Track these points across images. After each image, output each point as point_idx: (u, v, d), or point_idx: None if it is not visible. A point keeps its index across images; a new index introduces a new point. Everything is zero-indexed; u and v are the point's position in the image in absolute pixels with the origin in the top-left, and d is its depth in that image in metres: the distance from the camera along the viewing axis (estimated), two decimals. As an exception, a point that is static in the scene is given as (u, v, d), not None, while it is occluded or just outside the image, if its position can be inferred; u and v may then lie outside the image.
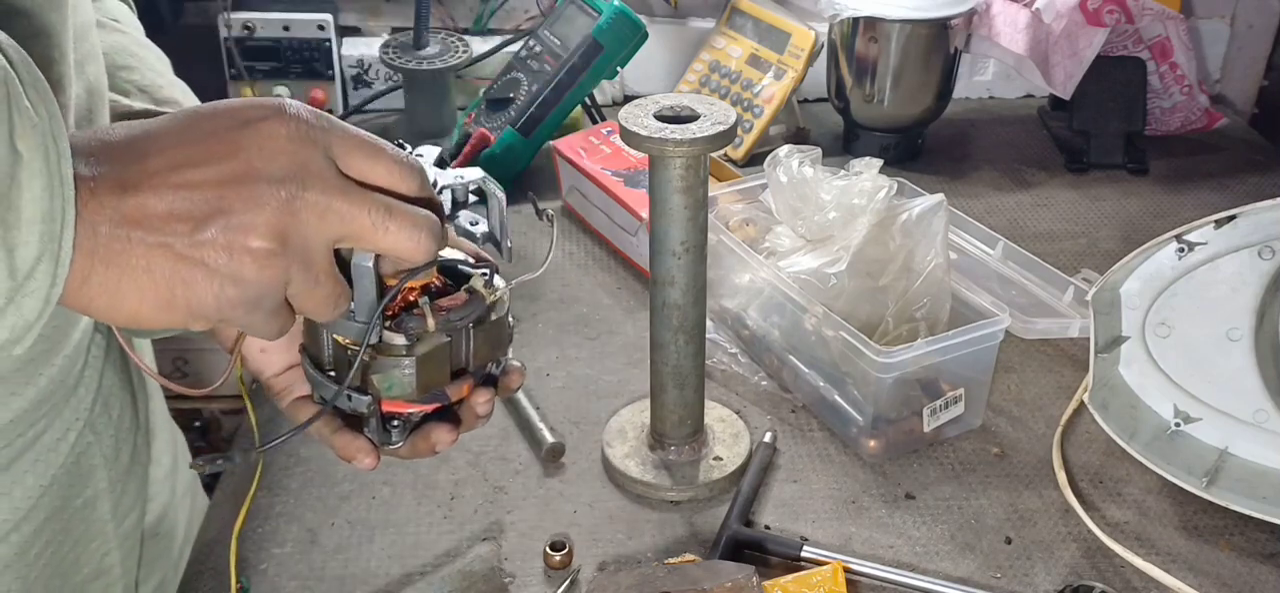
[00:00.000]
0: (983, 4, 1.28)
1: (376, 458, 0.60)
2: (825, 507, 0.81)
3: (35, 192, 0.42)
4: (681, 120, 0.71)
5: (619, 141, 1.14)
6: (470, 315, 0.56)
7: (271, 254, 0.46)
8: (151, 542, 0.78)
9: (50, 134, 0.43)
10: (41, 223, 0.42)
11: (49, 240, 0.43)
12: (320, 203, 0.47)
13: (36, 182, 0.42)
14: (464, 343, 0.57)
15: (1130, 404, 0.82)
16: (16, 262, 0.42)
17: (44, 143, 0.42)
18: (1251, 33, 1.52)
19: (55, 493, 0.65)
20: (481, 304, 0.57)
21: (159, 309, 0.46)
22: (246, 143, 0.46)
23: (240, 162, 0.45)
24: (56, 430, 0.64)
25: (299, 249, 0.47)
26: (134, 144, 0.46)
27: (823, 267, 0.87)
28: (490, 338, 0.58)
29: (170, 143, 0.46)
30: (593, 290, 1.08)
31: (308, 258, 0.48)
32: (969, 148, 1.42)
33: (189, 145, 0.46)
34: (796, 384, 0.92)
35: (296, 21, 1.38)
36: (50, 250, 0.43)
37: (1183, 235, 0.78)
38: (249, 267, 0.46)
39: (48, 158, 0.42)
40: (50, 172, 0.42)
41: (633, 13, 1.24)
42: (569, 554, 0.75)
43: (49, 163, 0.42)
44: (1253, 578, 0.75)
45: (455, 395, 0.58)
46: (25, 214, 0.42)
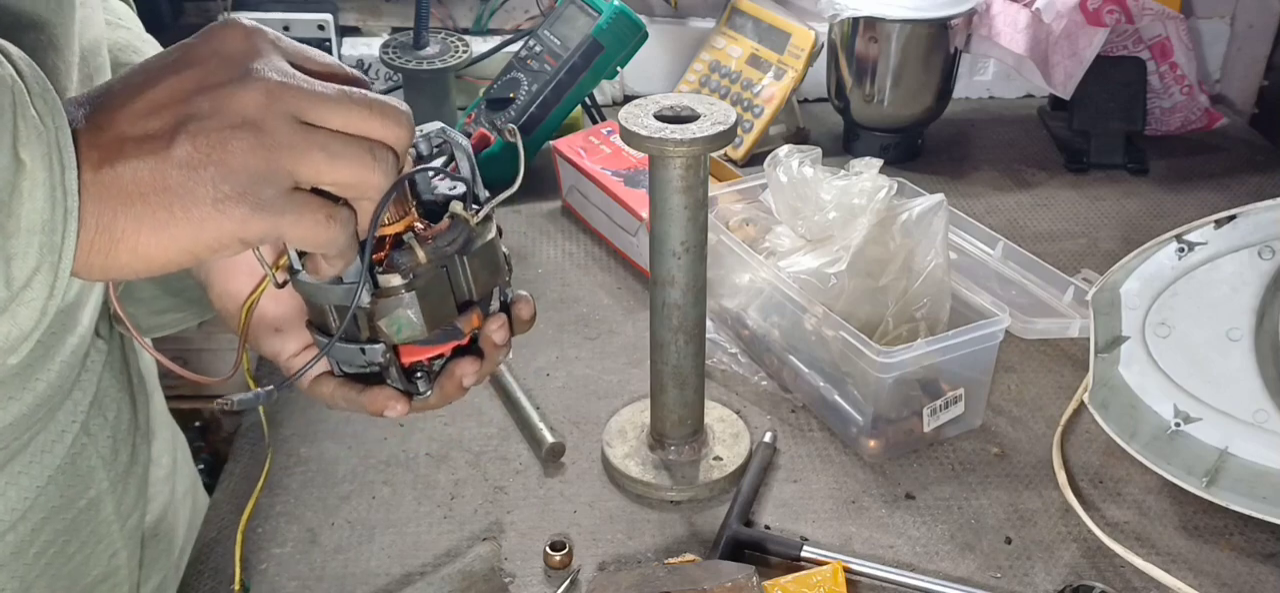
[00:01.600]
0: (983, 4, 1.28)
1: (406, 403, 0.59)
2: (825, 507, 0.81)
3: (37, 201, 0.42)
4: (681, 120, 0.71)
5: (619, 141, 1.14)
6: (458, 239, 0.56)
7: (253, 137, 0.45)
8: (152, 542, 0.78)
9: (56, 144, 0.42)
10: (41, 233, 0.42)
11: (48, 251, 0.42)
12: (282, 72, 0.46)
13: (39, 191, 0.42)
14: (460, 271, 0.57)
15: (1130, 404, 0.82)
16: (13, 272, 0.42)
17: (48, 153, 0.42)
18: (1251, 33, 1.52)
19: (53, 494, 0.65)
20: (465, 227, 0.57)
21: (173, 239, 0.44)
22: (198, 53, 0.46)
23: (196, 69, 0.46)
24: (51, 433, 0.64)
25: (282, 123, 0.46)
26: (105, 93, 0.46)
27: (823, 267, 0.87)
28: (486, 262, 0.58)
29: (134, 78, 0.46)
30: (593, 290, 1.08)
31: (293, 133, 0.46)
32: (969, 148, 1.42)
33: (148, 74, 0.46)
34: (796, 384, 0.92)
35: (296, 21, 1.38)
36: (49, 261, 0.42)
37: (1183, 235, 0.78)
38: (234, 156, 0.44)
39: (51, 167, 0.42)
40: (53, 182, 0.42)
41: (633, 13, 1.24)
42: (569, 554, 0.75)
43: (52, 172, 0.42)
44: (1253, 578, 0.75)
45: (468, 328, 0.58)
46: (24, 223, 0.41)
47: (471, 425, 0.89)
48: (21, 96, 0.42)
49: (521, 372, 0.94)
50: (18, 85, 0.42)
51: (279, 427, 0.88)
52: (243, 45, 0.46)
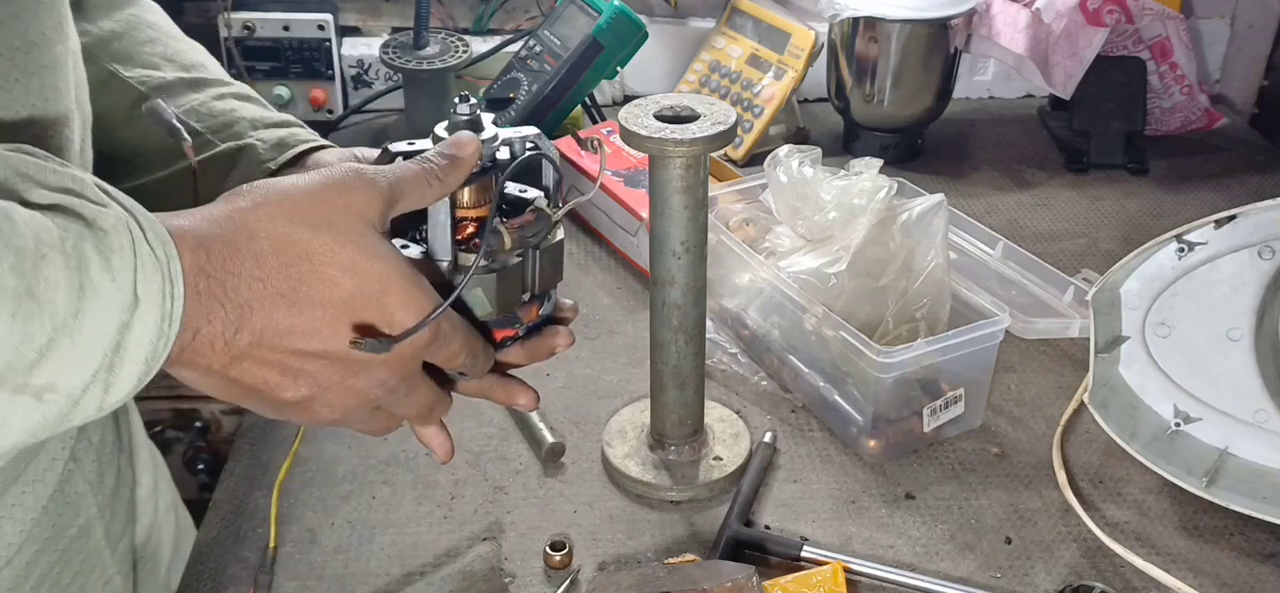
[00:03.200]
0: (983, 4, 1.28)
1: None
2: (825, 507, 0.81)
3: (145, 335, 0.43)
4: (681, 120, 0.71)
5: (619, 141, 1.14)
6: (541, 232, 0.60)
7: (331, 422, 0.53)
8: (142, 563, 0.77)
9: (167, 275, 0.44)
10: (144, 364, 0.44)
11: (143, 379, 0.45)
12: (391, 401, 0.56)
13: (149, 325, 0.43)
14: (532, 264, 0.60)
15: (1130, 404, 0.82)
16: (110, 398, 0.44)
17: (162, 286, 0.44)
18: (1251, 33, 1.52)
19: (45, 525, 0.64)
20: (547, 221, 0.60)
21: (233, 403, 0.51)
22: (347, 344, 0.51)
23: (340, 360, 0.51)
24: (41, 463, 0.63)
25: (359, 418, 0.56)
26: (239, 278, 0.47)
27: (823, 267, 0.87)
28: (553, 261, 0.62)
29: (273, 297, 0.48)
30: (593, 290, 1.08)
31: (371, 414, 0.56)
32: (969, 148, 1.42)
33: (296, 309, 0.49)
34: (796, 384, 0.92)
35: (296, 21, 1.38)
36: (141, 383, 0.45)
37: (1183, 235, 0.78)
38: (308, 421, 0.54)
39: (164, 301, 0.44)
40: (163, 314, 0.44)
41: (633, 13, 1.24)
42: (569, 554, 0.75)
43: (163, 306, 0.44)
44: (1253, 578, 0.75)
45: (526, 318, 0.62)
46: (130, 355, 0.43)
47: (471, 426, 0.89)
48: (137, 232, 0.43)
49: (521, 371, 0.94)
50: (132, 222, 0.43)
51: (279, 427, 0.88)
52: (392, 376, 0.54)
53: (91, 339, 0.42)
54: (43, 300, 0.40)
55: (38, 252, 0.40)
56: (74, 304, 0.41)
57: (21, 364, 0.40)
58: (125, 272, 0.42)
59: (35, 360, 0.40)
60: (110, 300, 0.42)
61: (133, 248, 0.43)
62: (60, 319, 0.40)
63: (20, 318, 0.39)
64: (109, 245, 0.42)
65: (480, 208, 0.58)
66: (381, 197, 0.51)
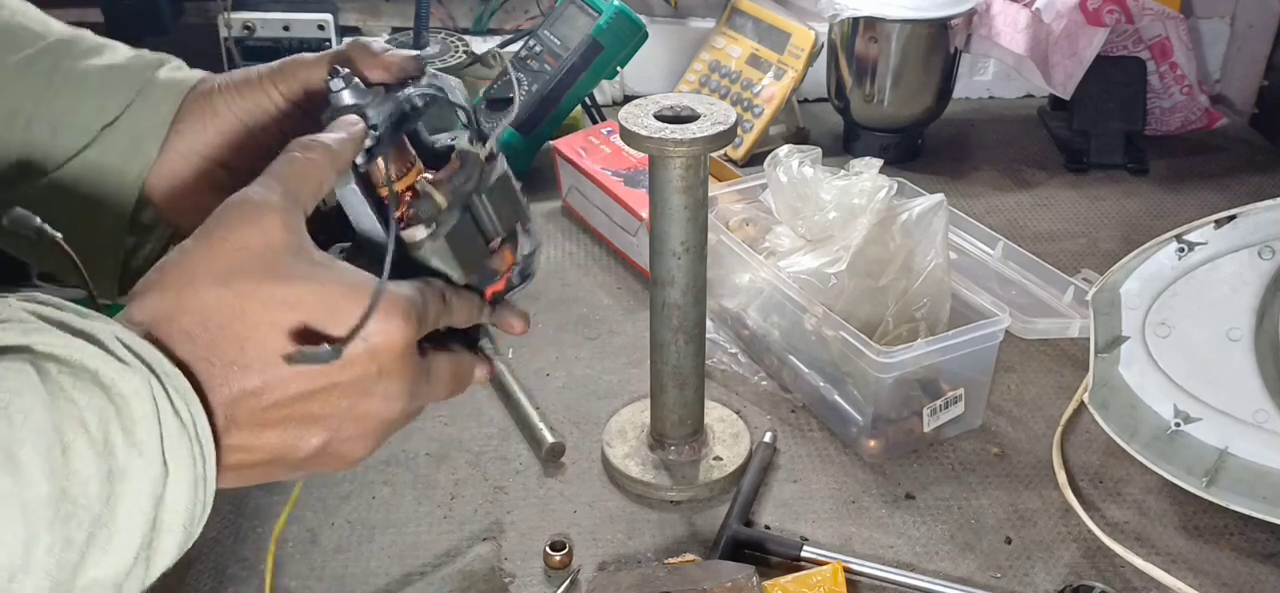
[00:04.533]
0: (983, 4, 1.28)
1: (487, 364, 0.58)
2: (825, 507, 0.81)
3: (180, 501, 0.41)
4: (681, 120, 0.71)
5: (619, 141, 1.14)
6: (472, 176, 0.55)
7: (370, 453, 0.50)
8: None
9: (195, 438, 0.42)
10: (182, 531, 0.42)
11: (185, 542, 0.42)
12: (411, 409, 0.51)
13: (183, 492, 0.41)
14: (482, 209, 0.56)
15: (1130, 404, 0.82)
16: (153, 568, 0.42)
17: (191, 449, 0.41)
18: (1251, 33, 1.52)
19: None
20: (476, 163, 0.56)
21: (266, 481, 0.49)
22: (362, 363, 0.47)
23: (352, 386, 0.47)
24: None
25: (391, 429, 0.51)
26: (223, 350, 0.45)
27: (823, 267, 0.87)
28: (504, 196, 0.57)
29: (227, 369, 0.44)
30: (593, 290, 1.08)
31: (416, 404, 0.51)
32: (969, 148, 1.42)
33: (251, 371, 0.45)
34: (796, 384, 0.92)
35: (296, 21, 1.38)
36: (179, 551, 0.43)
37: (1183, 235, 0.78)
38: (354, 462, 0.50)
39: (195, 465, 0.42)
40: (195, 478, 0.42)
41: (633, 13, 1.24)
42: (569, 554, 0.75)
43: (195, 469, 0.42)
44: (1253, 578, 0.75)
45: (502, 266, 0.58)
46: (168, 525, 0.41)
47: (471, 425, 0.89)
48: (160, 395, 0.41)
49: (521, 372, 0.94)
50: (153, 383, 0.41)
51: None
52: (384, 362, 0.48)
53: (129, 524, 0.39)
54: (76, 499, 0.38)
55: (63, 445, 0.37)
56: (106, 492, 0.38)
57: (67, 569, 0.37)
58: (151, 442, 0.40)
59: (77, 563, 0.38)
60: (140, 477, 0.40)
61: (156, 416, 0.40)
62: (95, 512, 0.38)
63: (59, 524, 0.37)
64: (132, 416, 0.39)
65: (406, 176, 0.54)
66: (278, 213, 0.46)
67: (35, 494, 0.36)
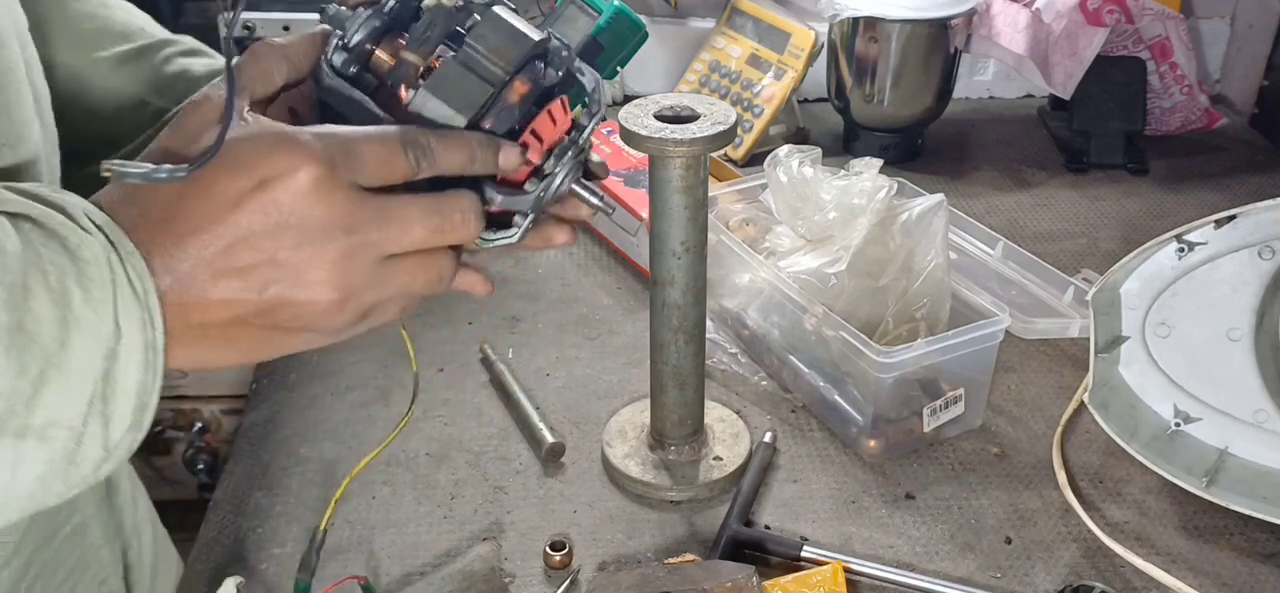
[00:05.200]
0: (983, 4, 1.28)
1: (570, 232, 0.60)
2: (825, 507, 0.81)
3: (133, 365, 0.44)
4: (681, 120, 0.72)
5: (619, 141, 1.14)
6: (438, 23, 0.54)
7: (340, 303, 0.48)
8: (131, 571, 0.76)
9: (148, 308, 0.44)
10: (136, 396, 0.44)
11: (140, 411, 0.45)
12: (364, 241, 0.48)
13: (134, 356, 0.44)
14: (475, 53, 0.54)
15: (1130, 404, 0.82)
16: (111, 434, 0.44)
17: (142, 314, 0.44)
18: (1251, 33, 1.52)
19: (42, 523, 0.64)
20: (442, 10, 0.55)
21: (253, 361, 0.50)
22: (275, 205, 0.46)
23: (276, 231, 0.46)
24: None
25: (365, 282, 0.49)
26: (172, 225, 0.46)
27: (823, 267, 0.87)
28: (494, 31, 0.55)
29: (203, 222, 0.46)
30: (593, 290, 1.08)
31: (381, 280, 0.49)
32: (969, 148, 1.42)
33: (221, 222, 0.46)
34: (796, 384, 0.92)
35: (296, 21, 1.38)
36: (139, 419, 0.45)
37: (1183, 235, 0.78)
38: (323, 320, 0.48)
39: (144, 330, 0.44)
40: (146, 342, 0.44)
41: (633, 13, 1.24)
42: (569, 554, 0.75)
43: (145, 334, 0.44)
44: (1253, 578, 0.75)
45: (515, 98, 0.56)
46: (121, 387, 0.44)
47: (471, 425, 0.89)
48: (116, 265, 0.43)
49: (521, 372, 0.94)
50: (112, 255, 0.43)
51: (279, 427, 0.88)
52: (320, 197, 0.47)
53: (81, 369, 0.42)
54: (32, 334, 0.41)
55: (25, 286, 0.41)
56: (61, 336, 0.42)
57: (19, 400, 0.41)
58: (105, 303, 0.43)
59: (31, 395, 0.41)
60: (93, 331, 0.43)
61: (112, 281, 0.43)
62: (49, 351, 0.41)
63: (14, 352, 0.41)
64: (89, 277, 0.43)
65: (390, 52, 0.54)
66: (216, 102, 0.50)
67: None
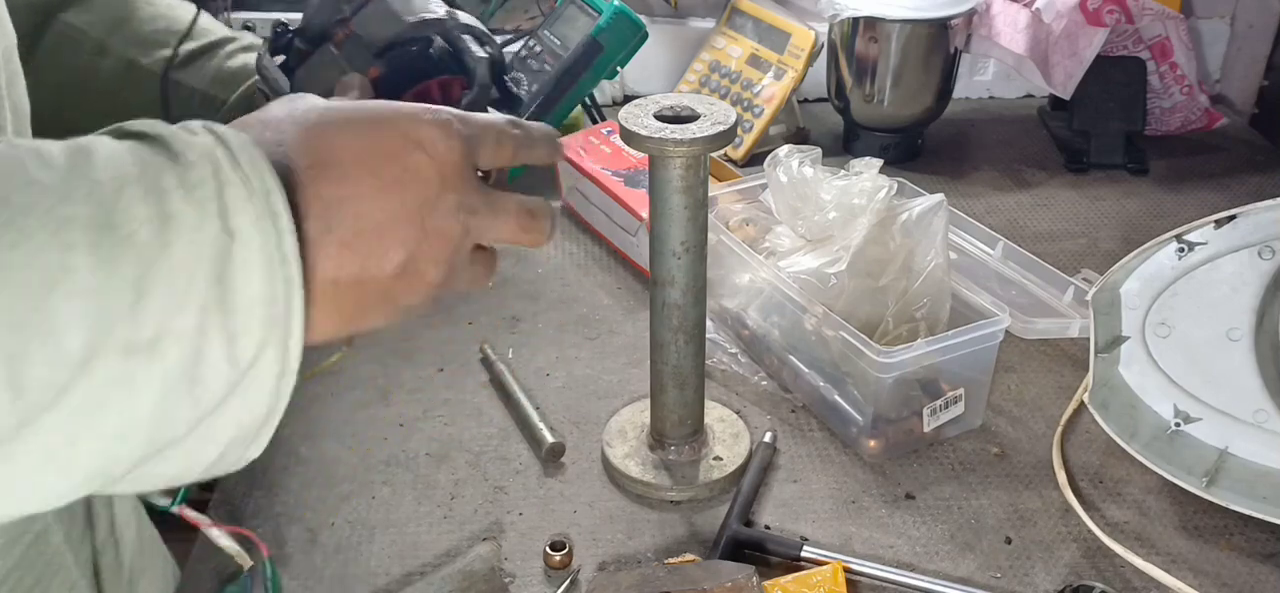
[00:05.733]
0: (983, 4, 1.28)
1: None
2: (825, 507, 0.81)
3: (254, 270, 0.40)
4: (681, 120, 0.71)
5: (619, 141, 1.14)
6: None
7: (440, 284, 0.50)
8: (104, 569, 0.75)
9: (269, 207, 0.41)
10: (263, 305, 0.40)
11: (272, 325, 0.41)
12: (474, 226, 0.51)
13: (254, 258, 0.40)
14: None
15: (1130, 404, 0.82)
16: (237, 350, 0.40)
17: (259, 213, 0.40)
18: (1251, 33, 1.52)
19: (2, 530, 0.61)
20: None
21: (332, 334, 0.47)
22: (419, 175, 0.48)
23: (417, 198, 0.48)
24: None
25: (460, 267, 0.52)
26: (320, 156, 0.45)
27: (823, 267, 0.87)
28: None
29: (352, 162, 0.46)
30: (593, 290, 1.08)
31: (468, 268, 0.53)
32: (969, 148, 1.42)
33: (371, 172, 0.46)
34: (796, 384, 0.92)
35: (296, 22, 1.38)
36: (276, 335, 0.41)
37: (1183, 235, 0.78)
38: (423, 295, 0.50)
39: (264, 231, 0.40)
40: (266, 246, 0.40)
41: (633, 13, 1.24)
42: (569, 554, 0.75)
43: (265, 235, 0.40)
44: (1253, 578, 0.75)
45: None
46: (242, 296, 0.40)
47: (471, 425, 0.89)
48: (222, 165, 0.40)
49: (521, 372, 0.94)
50: (218, 149, 0.40)
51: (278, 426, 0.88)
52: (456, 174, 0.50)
53: (187, 272, 0.38)
54: (123, 232, 0.37)
55: (115, 184, 0.37)
56: (160, 237, 0.37)
57: (120, 310, 0.36)
58: (209, 200, 0.39)
59: (133, 303, 0.37)
60: (196, 231, 0.38)
61: (215, 176, 0.39)
62: (147, 254, 0.37)
63: (104, 252, 0.36)
64: (189, 177, 0.39)
65: None
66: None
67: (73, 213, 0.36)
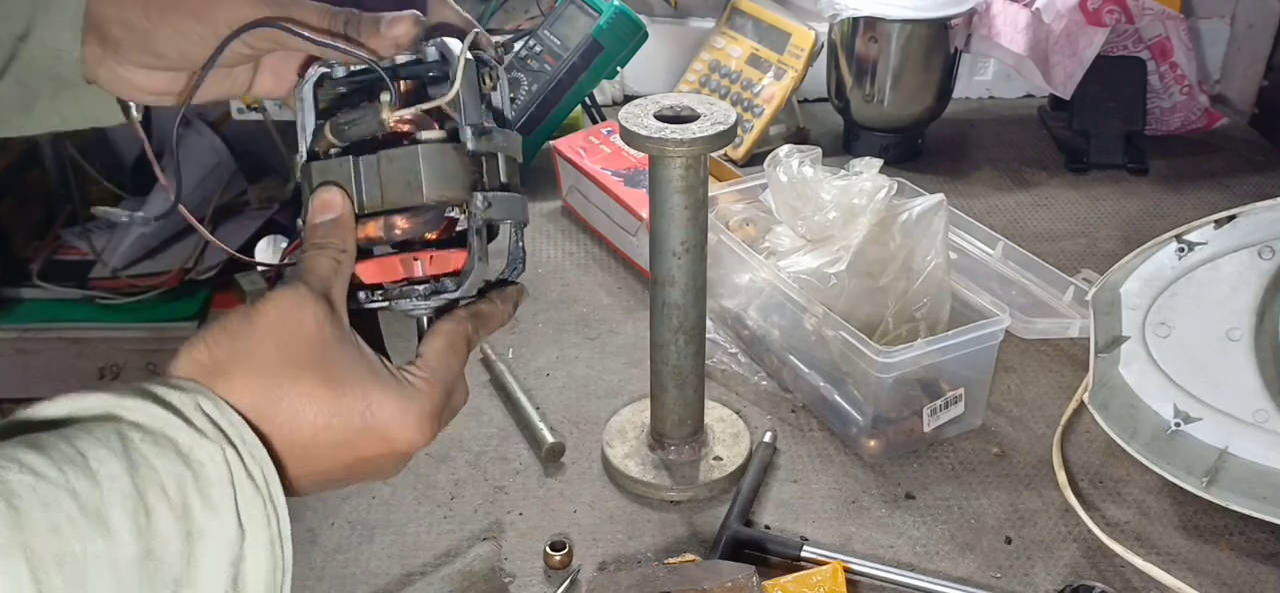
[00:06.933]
0: (983, 4, 1.28)
1: None
2: (825, 507, 0.81)
3: (259, 560, 0.43)
4: (681, 120, 0.71)
5: (619, 141, 1.14)
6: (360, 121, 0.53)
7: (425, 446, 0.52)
8: None
9: (269, 498, 0.44)
10: (265, 588, 0.44)
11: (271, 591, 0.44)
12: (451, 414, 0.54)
13: (261, 552, 0.43)
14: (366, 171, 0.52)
15: (1130, 404, 0.82)
16: None
17: (265, 509, 0.43)
18: (1251, 33, 1.52)
19: None
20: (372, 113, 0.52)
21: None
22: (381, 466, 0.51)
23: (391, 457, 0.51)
24: None
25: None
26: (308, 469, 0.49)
27: (823, 267, 0.87)
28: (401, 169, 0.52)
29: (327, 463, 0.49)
30: (593, 290, 1.08)
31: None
32: (969, 148, 1.42)
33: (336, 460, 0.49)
34: (796, 384, 0.92)
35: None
36: None
37: (1183, 235, 0.78)
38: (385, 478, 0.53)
39: (269, 523, 0.43)
40: (271, 537, 0.44)
41: (633, 13, 1.24)
42: (569, 554, 0.75)
43: (270, 527, 0.43)
44: (1253, 578, 0.75)
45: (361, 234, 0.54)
46: (250, 584, 0.43)
47: (471, 425, 0.89)
48: (234, 462, 0.43)
49: (521, 372, 0.94)
50: (228, 451, 0.43)
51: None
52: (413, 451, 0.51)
53: (210, 582, 0.41)
54: (160, 558, 0.40)
55: (147, 509, 0.40)
56: (186, 551, 0.41)
57: None
58: (227, 507, 0.42)
59: None
60: (217, 537, 0.42)
61: (231, 480, 0.42)
62: (176, 571, 0.40)
63: (146, 583, 0.39)
64: (208, 480, 0.42)
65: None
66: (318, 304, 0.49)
67: (124, 554, 0.38)
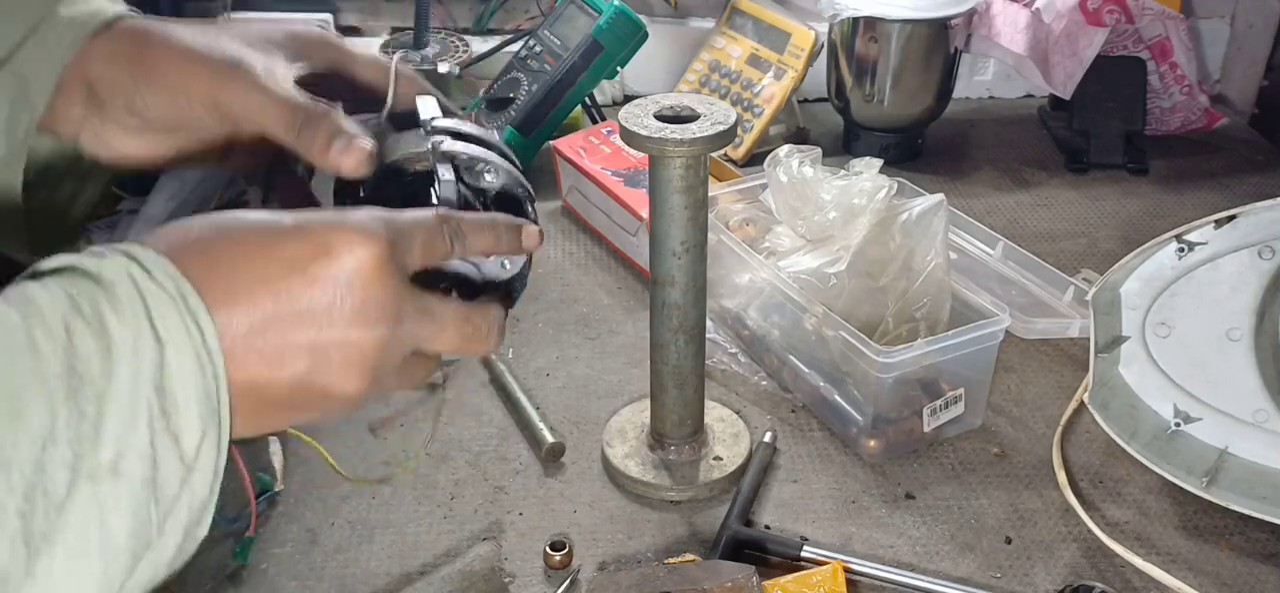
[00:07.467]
0: (983, 4, 1.28)
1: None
2: (825, 507, 0.81)
3: (185, 370, 0.43)
4: (681, 120, 0.71)
5: (619, 141, 1.14)
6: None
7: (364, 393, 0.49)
8: None
9: (187, 309, 0.43)
10: (198, 403, 0.43)
11: (209, 416, 0.44)
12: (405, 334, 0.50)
13: (185, 361, 0.43)
14: None
15: (1130, 404, 0.82)
16: (184, 447, 0.43)
17: (182, 320, 0.43)
18: (1251, 33, 1.52)
19: None
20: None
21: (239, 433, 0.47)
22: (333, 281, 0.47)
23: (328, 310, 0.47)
24: None
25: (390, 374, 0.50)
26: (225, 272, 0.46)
27: (823, 267, 0.87)
28: None
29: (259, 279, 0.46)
30: (593, 290, 1.08)
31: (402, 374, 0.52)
32: (969, 148, 1.42)
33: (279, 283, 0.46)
34: (796, 384, 0.92)
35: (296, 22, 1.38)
36: (212, 423, 0.44)
37: (1183, 235, 0.78)
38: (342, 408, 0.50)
39: (190, 335, 0.43)
40: (196, 349, 0.43)
41: (633, 13, 1.24)
42: (569, 554, 0.75)
43: (192, 339, 0.43)
44: (1253, 578, 0.75)
45: None
46: (180, 397, 0.43)
47: (471, 425, 0.89)
48: (139, 279, 0.43)
49: (521, 372, 0.94)
50: (132, 267, 0.43)
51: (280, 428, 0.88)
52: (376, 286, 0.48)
53: (131, 391, 0.41)
54: (83, 373, 0.40)
55: (67, 328, 0.41)
56: (106, 366, 0.41)
57: (86, 443, 0.40)
58: (139, 317, 0.42)
59: (95, 435, 0.40)
60: (134, 349, 0.42)
61: (138, 290, 0.42)
62: (100, 385, 0.41)
63: (72, 397, 0.40)
64: (117, 296, 0.42)
65: None
66: None
67: (51, 370, 0.40)
